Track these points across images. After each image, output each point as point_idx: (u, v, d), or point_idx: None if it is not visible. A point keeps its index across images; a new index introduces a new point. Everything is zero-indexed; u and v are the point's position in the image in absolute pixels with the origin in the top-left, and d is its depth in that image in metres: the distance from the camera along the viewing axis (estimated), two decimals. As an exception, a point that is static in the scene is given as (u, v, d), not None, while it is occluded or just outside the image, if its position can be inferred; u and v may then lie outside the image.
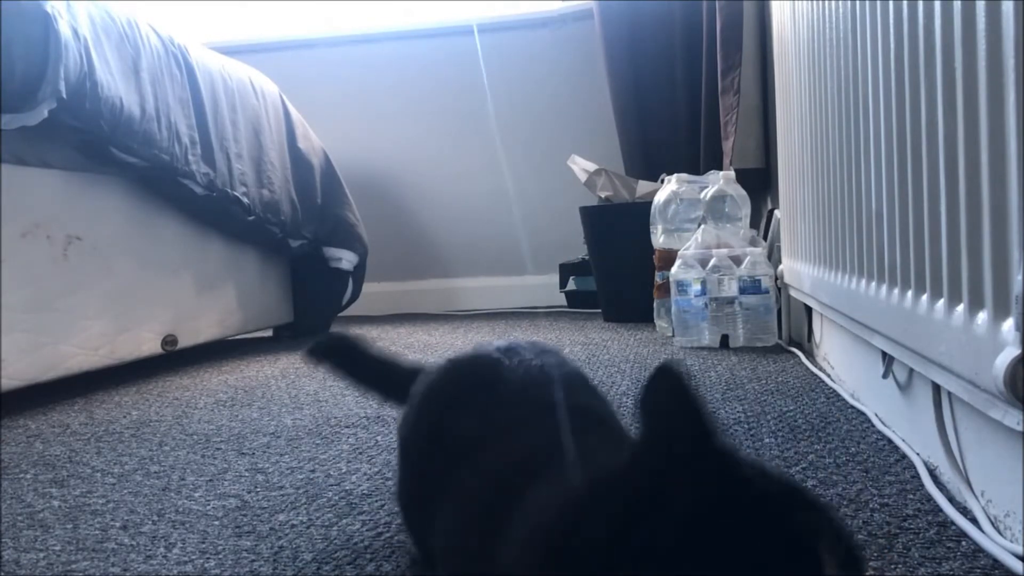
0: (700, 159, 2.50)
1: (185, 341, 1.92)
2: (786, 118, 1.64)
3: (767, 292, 1.78)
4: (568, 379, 0.62)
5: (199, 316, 2.00)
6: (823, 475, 0.88)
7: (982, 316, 0.62)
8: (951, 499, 0.78)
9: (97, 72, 1.52)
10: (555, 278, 2.84)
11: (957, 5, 0.65)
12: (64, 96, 1.44)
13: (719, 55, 2.22)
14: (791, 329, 1.84)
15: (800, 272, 1.49)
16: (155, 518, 0.87)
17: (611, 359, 1.72)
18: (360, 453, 1.08)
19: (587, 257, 2.61)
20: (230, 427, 1.27)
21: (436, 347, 2.06)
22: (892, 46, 0.85)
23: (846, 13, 1.05)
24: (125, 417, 1.39)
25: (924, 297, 0.76)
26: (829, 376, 1.41)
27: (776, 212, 1.92)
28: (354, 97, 3.09)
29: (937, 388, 0.82)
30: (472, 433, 0.57)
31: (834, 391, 1.29)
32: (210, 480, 1.00)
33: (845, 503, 0.79)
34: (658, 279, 2.09)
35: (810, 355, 1.62)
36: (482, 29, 3.02)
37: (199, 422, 1.32)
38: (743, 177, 2.06)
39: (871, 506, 0.78)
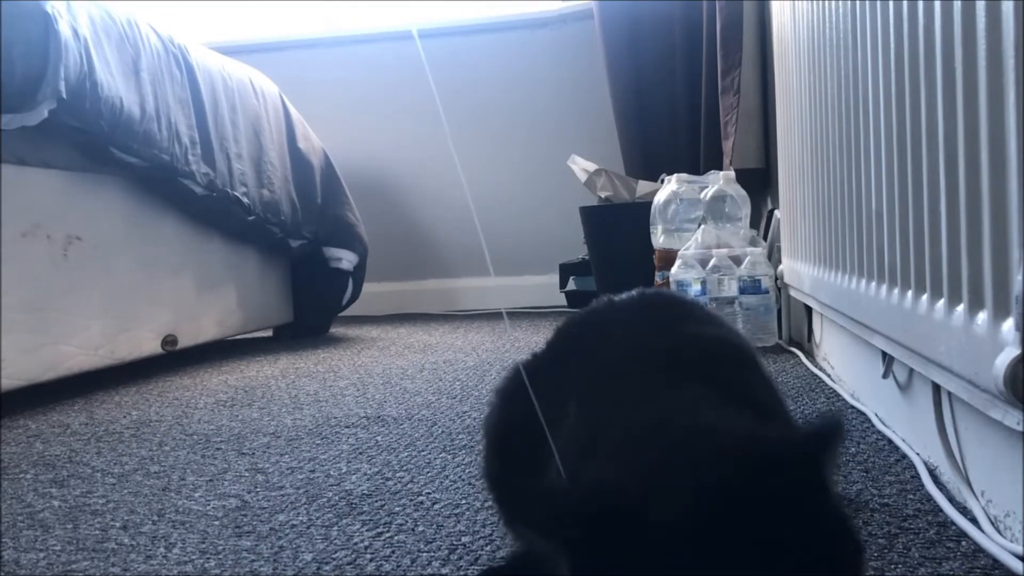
0: (700, 159, 2.50)
1: (185, 341, 1.92)
2: (786, 118, 1.64)
3: (767, 292, 1.78)
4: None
5: (199, 316, 2.00)
6: (823, 475, 0.88)
7: (982, 316, 0.62)
8: (951, 499, 0.78)
9: (97, 72, 1.52)
10: (555, 278, 2.84)
11: (957, 5, 0.65)
12: (64, 96, 1.44)
13: (719, 55, 2.22)
14: (791, 329, 1.84)
15: (800, 272, 1.49)
16: (155, 518, 0.87)
17: (611, 359, 1.72)
18: (360, 453, 1.08)
19: (587, 257, 2.61)
20: (230, 427, 1.27)
21: (436, 347, 2.06)
22: (892, 46, 0.85)
23: (846, 13, 1.05)
24: (125, 417, 1.39)
25: (924, 297, 0.76)
26: (829, 376, 1.41)
27: (776, 212, 1.92)
28: (354, 97, 3.09)
29: (937, 388, 0.82)
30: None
31: (834, 391, 1.29)
32: (210, 480, 1.00)
33: (845, 503, 0.79)
34: (658, 279, 2.09)
35: (810, 355, 1.62)
36: (482, 29, 3.02)
37: (199, 422, 1.32)
38: (743, 177, 2.06)
39: (871, 506, 0.78)
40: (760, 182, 2.19)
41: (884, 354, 1.01)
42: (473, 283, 3.10)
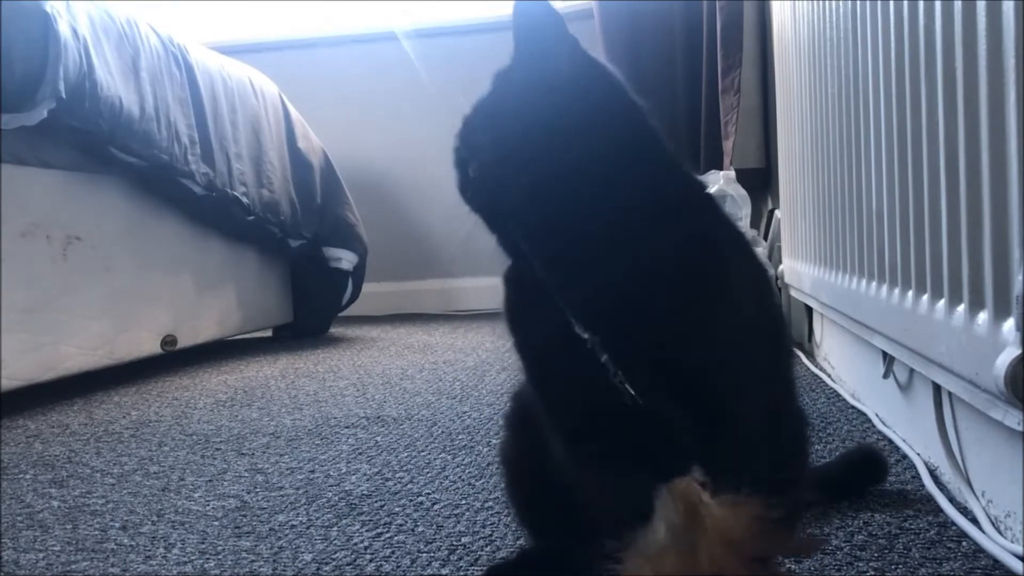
0: (700, 159, 2.50)
1: (185, 341, 1.92)
2: (786, 118, 1.63)
3: (767, 292, 1.78)
4: None
5: (199, 316, 2.00)
6: (823, 475, 0.88)
7: (982, 316, 0.62)
8: (951, 499, 0.78)
9: (96, 72, 1.52)
10: (555, 278, 2.83)
11: (957, 5, 0.65)
12: (63, 96, 1.43)
13: (719, 55, 2.22)
14: (791, 329, 1.84)
15: (800, 272, 1.49)
16: (155, 519, 0.87)
17: (611, 359, 1.71)
18: (360, 454, 1.08)
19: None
20: (230, 427, 1.27)
21: (436, 347, 2.06)
22: (892, 46, 0.84)
23: (846, 13, 1.05)
24: (125, 417, 1.39)
25: (924, 297, 0.76)
26: (829, 376, 1.41)
27: (776, 212, 1.91)
28: (354, 97, 3.09)
29: (937, 388, 0.82)
30: None
31: (834, 391, 1.29)
32: (210, 481, 1.00)
33: (845, 503, 0.79)
34: (658, 279, 2.08)
35: (810, 355, 1.62)
36: (482, 29, 3.02)
37: (199, 422, 1.32)
38: (743, 177, 2.06)
39: (871, 506, 0.78)
40: (760, 182, 2.18)
41: (884, 354, 1.01)
42: (473, 283, 3.09)
